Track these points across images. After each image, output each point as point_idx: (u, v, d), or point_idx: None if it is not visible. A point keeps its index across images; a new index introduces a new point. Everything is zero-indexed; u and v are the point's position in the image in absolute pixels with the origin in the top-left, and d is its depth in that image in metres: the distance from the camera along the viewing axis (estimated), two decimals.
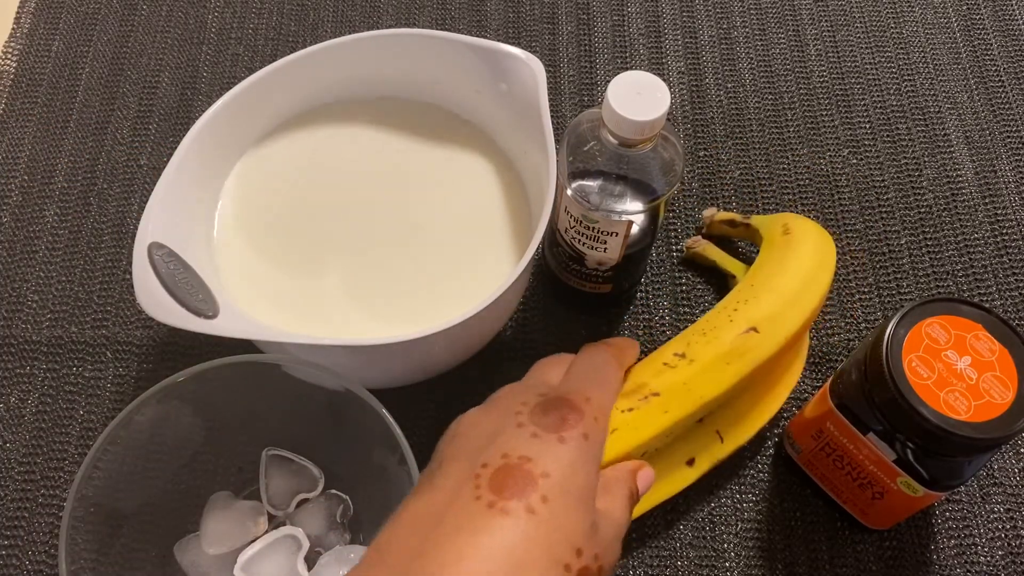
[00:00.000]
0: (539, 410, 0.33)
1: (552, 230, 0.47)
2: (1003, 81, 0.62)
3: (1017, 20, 0.64)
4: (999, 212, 0.57)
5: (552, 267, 0.50)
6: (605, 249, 0.45)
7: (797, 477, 0.48)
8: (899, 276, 0.54)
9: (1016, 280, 0.54)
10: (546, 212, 0.41)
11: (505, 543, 0.28)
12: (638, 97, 0.38)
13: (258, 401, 0.42)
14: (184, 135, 0.44)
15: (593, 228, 0.43)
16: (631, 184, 0.42)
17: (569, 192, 0.43)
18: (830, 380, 0.43)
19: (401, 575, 0.28)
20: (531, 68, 0.46)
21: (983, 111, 0.60)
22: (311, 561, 0.43)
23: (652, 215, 0.44)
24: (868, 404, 0.39)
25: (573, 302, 0.52)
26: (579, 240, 0.45)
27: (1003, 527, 0.47)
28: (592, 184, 0.42)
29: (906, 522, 0.47)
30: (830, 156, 0.59)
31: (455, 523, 0.29)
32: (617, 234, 0.43)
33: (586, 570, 0.30)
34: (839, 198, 0.57)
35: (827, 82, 0.62)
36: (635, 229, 0.44)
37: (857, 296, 0.53)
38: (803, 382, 0.51)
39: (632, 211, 0.42)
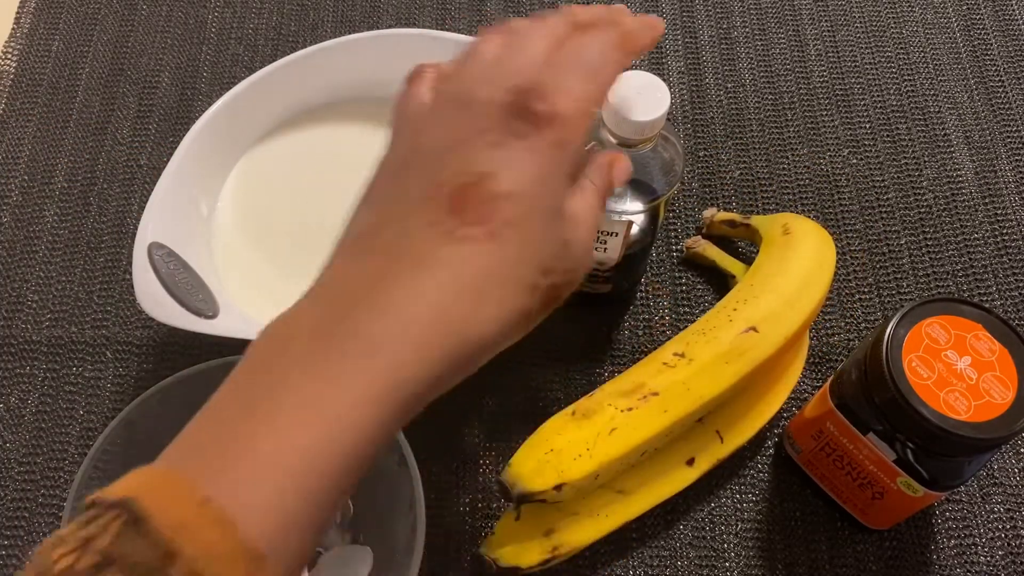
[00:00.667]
0: (507, 111, 0.28)
1: None
2: (1003, 81, 0.62)
3: (1017, 20, 0.64)
4: (999, 212, 0.57)
5: None
6: (605, 249, 0.45)
7: (797, 477, 0.48)
8: (899, 276, 0.54)
9: (1016, 280, 0.54)
10: None
11: (466, 274, 0.26)
12: (638, 97, 0.38)
13: None
14: (184, 135, 0.44)
15: None
16: (631, 184, 0.42)
17: None
18: (830, 380, 0.43)
19: (347, 318, 0.26)
20: None
21: (983, 111, 0.60)
22: (311, 561, 0.43)
23: (652, 215, 0.44)
24: (868, 404, 0.39)
25: (571, 301, 0.52)
26: None
27: (1003, 527, 0.47)
28: None
29: (906, 522, 0.47)
30: (830, 156, 0.59)
31: (411, 254, 0.26)
32: (617, 234, 0.43)
33: (554, 287, 0.28)
34: (839, 198, 0.57)
35: (827, 82, 0.62)
36: (635, 229, 0.44)
37: (857, 296, 0.53)
38: (803, 382, 0.51)
39: (632, 211, 0.42)
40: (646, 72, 0.39)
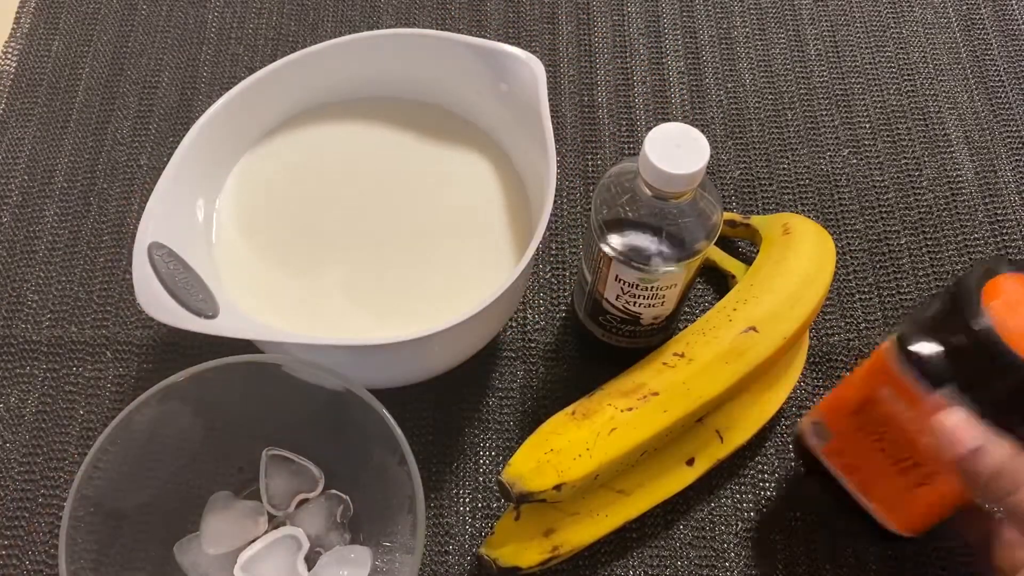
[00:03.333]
0: None
1: (592, 300, 0.45)
2: (1003, 81, 0.62)
3: (1017, 20, 0.64)
4: (999, 212, 0.57)
5: (598, 335, 0.48)
6: (663, 302, 0.43)
7: (816, 477, 0.43)
8: (899, 276, 0.54)
9: None
10: (546, 212, 0.41)
11: None
12: (677, 149, 0.37)
13: (258, 401, 0.42)
14: (184, 135, 0.44)
15: (651, 287, 0.42)
16: (671, 239, 0.40)
17: (622, 261, 0.40)
18: (890, 337, 0.38)
19: None
20: (531, 68, 0.46)
21: (983, 111, 0.60)
22: (311, 561, 0.43)
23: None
24: (948, 348, 0.35)
25: (619, 360, 0.47)
26: (634, 303, 0.43)
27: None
28: (641, 244, 0.40)
29: None
30: (830, 156, 0.59)
31: None
32: (675, 286, 0.42)
33: None
34: (839, 198, 0.57)
35: (827, 82, 0.62)
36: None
37: (857, 296, 0.53)
38: (803, 382, 0.51)
39: (688, 255, 0.40)
40: (684, 124, 0.38)
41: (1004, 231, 0.56)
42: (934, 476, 0.37)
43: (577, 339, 0.52)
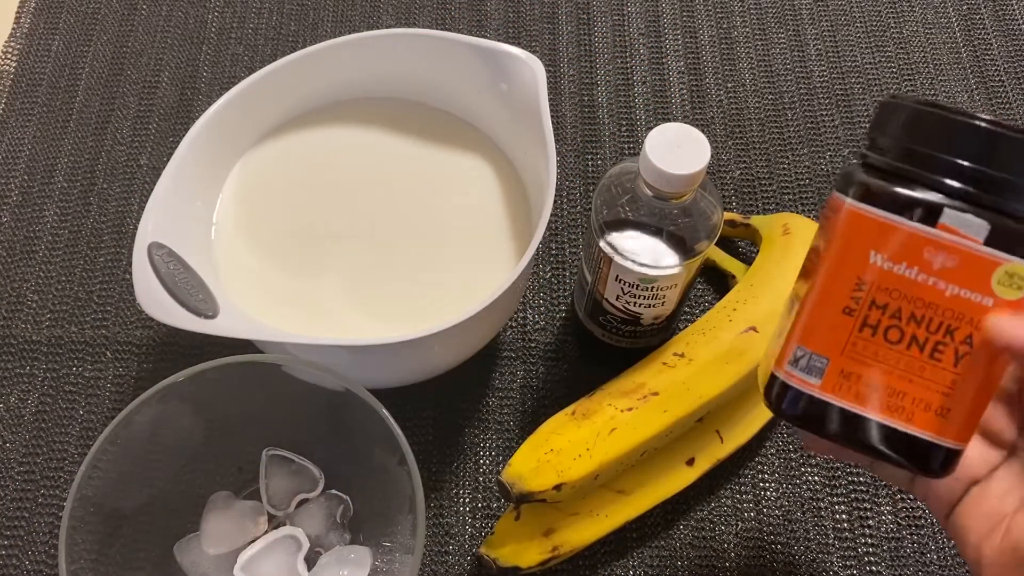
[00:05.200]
0: None
1: (592, 300, 0.45)
2: (1003, 81, 0.62)
3: (1017, 20, 0.64)
4: None
5: (598, 335, 0.48)
6: (663, 303, 0.43)
7: (821, 430, 0.31)
8: None
9: None
10: (546, 212, 0.41)
11: None
12: (678, 149, 0.37)
13: (258, 401, 0.42)
14: (184, 135, 0.44)
15: (652, 288, 0.42)
16: (671, 238, 0.40)
17: (622, 261, 0.40)
18: (841, 196, 0.30)
19: None
20: (531, 68, 0.46)
21: (983, 111, 0.60)
22: (311, 561, 0.43)
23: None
24: (920, 168, 0.28)
25: (619, 360, 0.47)
26: (635, 303, 0.43)
27: None
28: (641, 245, 0.40)
29: (905, 522, 0.47)
30: (830, 156, 0.59)
31: None
32: (676, 286, 0.42)
33: None
34: None
35: (827, 82, 0.62)
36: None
37: None
38: None
39: (679, 264, 0.40)
40: (684, 124, 0.38)
41: None
42: (976, 333, 0.29)
43: (577, 339, 0.52)
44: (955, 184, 0.28)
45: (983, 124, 0.27)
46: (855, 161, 0.31)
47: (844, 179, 0.30)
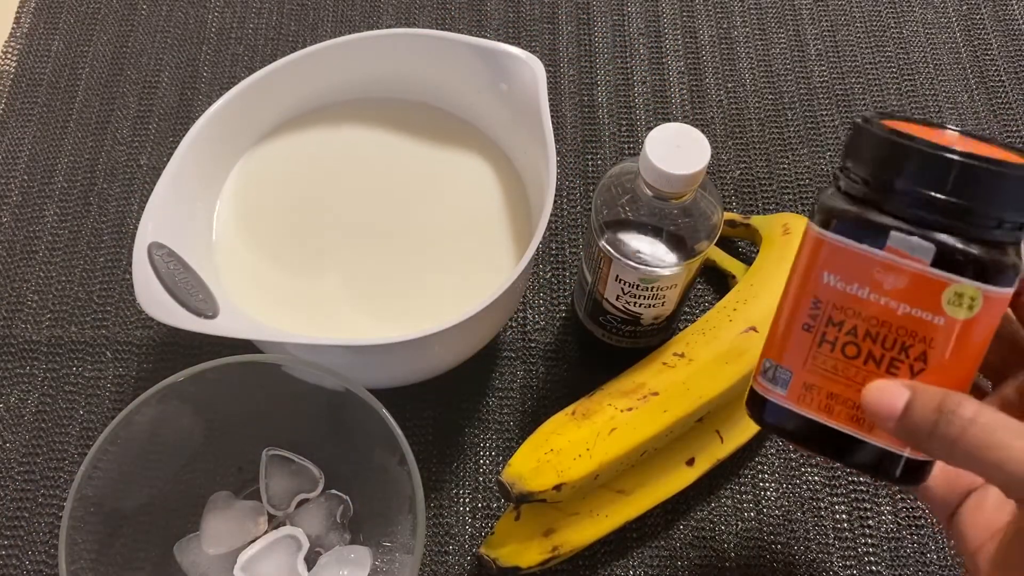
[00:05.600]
0: None
1: (592, 300, 0.45)
2: (1003, 81, 0.62)
3: (1017, 20, 0.64)
4: None
5: (598, 335, 0.47)
6: (663, 303, 0.43)
7: (789, 437, 0.33)
8: None
9: None
10: (546, 212, 0.41)
11: None
12: (677, 149, 0.37)
13: (258, 401, 0.42)
14: (184, 135, 0.44)
15: (652, 288, 0.42)
16: (672, 238, 0.40)
17: (623, 261, 0.40)
18: (808, 220, 0.31)
19: None
20: (531, 68, 0.46)
21: (983, 111, 0.60)
22: (311, 561, 0.43)
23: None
24: (873, 194, 0.29)
25: (619, 360, 0.47)
26: (635, 303, 0.43)
27: None
28: (642, 245, 0.40)
29: (906, 522, 0.47)
30: (830, 156, 0.59)
31: None
32: (676, 285, 0.42)
33: None
34: None
35: (827, 82, 0.62)
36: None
37: None
38: None
39: (689, 255, 0.40)
40: (684, 124, 0.38)
41: None
42: (930, 351, 0.29)
43: (577, 339, 0.52)
44: (901, 207, 0.28)
45: (927, 149, 0.28)
46: (831, 184, 0.32)
47: (815, 203, 0.31)
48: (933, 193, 0.28)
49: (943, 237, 0.28)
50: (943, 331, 0.29)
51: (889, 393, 0.29)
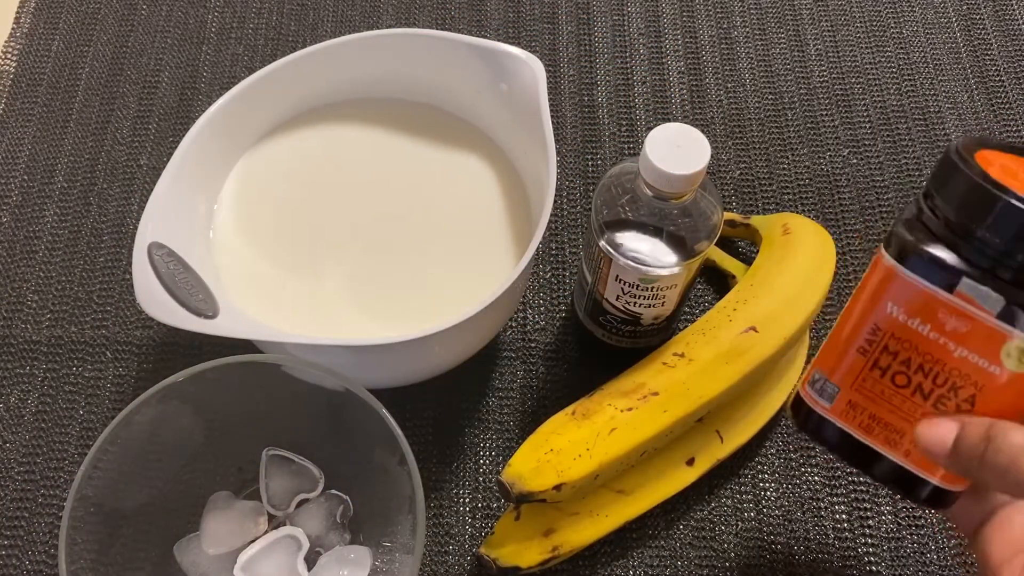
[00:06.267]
0: None
1: (592, 300, 0.45)
2: (1003, 81, 0.62)
3: (1017, 20, 0.64)
4: None
5: (598, 335, 0.48)
6: (663, 303, 0.43)
7: (827, 447, 0.34)
8: None
9: None
10: (546, 212, 0.41)
11: None
12: (677, 149, 0.37)
13: (258, 401, 0.42)
14: (184, 135, 0.44)
15: (652, 287, 0.42)
16: (672, 238, 0.40)
17: (622, 261, 0.40)
18: (881, 246, 0.32)
19: None
20: (531, 68, 0.46)
21: (983, 111, 0.60)
22: (311, 561, 0.43)
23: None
24: (952, 235, 0.29)
25: (619, 360, 0.47)
26: (635, 303, 0.43)
27: None
28: (642, 245, 0.40)
29: (906, 522, 0.47)
30: (830, 156, 0.59)
31: None
32: (676, 285, 0.42)
33: None
34: (839, 198, 0.57)
35: (827, 82, 0.62)
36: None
37: None
38: None
39: (689, 255, 0.40)
40: (684, 124, 0.38)
41: None
42: (979, 395, 0.30)
43: (577, 339, 0.52)
44: (978, 254, 0.29)
45: (1017, 204, 0.27)
46: (910, 209, 0.32)
47: (891, 228, 0.32)
48: (1011, 247, 0.28)
49: (1015, 292, 0.28)
50: (997, 380, 0.30)
51: (940, 429, 0.30)
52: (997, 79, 0.62)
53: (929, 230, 0.30)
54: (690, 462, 0.45)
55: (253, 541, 0.43)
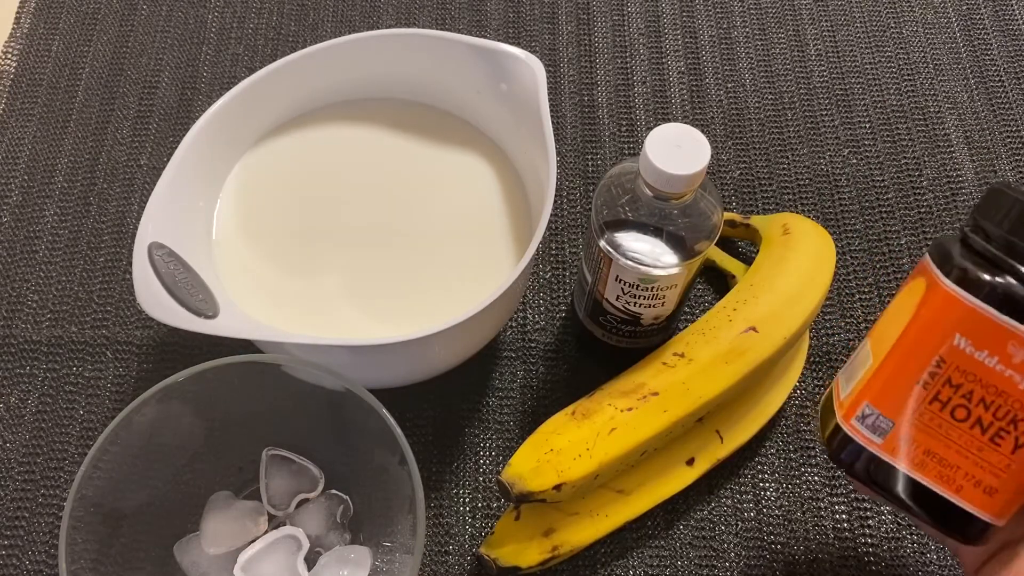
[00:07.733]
0: None
1: (592, 301, 0.45)
2: (1003, 81, 0.62)
3: (1017, 20, 0.64)
4: None
5: (598, 335, 0.48)
6: (663, 303, 0.43)
7: (873, 485, 0.33)
8: (899, 276, 0.54)
9: None
10: (546, 212, 0.41)
11: None
12: (677, 149, 0.37)
13: (258, 401, 0.42)
14: (184, 135, 0.44)
15: (652, 287, 0.42)
16: (672, 238, 0.40)
17: (623, 261, 0.40)
18: (937, 273, 0.30)
19: None
20: (531, 68, 0.46)
21: (983, 111, 0.60)
22: (311, 561, 0.43)
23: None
24: (1020, 262, 0.29)
25: (619, 360, 0.47)
26: (635, 303, 0.43)
27: None
28: (642, 245, 0.40)
29: (906, 522, 0.47)
30: (830, 156, 0.59)
31: None
32: (676, 286, 0.42)
33: None
34: (839, 198, 0.57)
35: (827, 82, 0.62)
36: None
37: (857, 296, 0.53)
38: (803, 382, 0.51)
39: (679, 263, 0.40)
40: (684, 124, 0.38)
41: None
42: None
43: (577, 339, 0.52)
44: None
45: None
46: (954, 235, 0.31)
47: (941, 253, 0.31)
48: None
49: None
50: None
51: None
52: (997, 79, 0.62)
53: (986, 258, 0.30)
54: (690, 462, 0.45)
55: (253, 541, 0.43)
